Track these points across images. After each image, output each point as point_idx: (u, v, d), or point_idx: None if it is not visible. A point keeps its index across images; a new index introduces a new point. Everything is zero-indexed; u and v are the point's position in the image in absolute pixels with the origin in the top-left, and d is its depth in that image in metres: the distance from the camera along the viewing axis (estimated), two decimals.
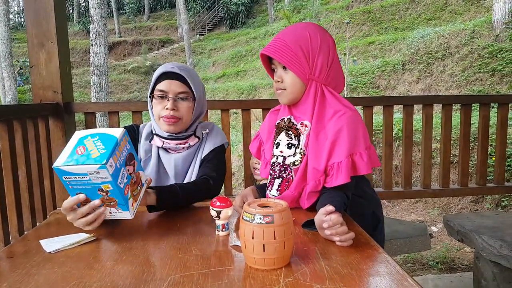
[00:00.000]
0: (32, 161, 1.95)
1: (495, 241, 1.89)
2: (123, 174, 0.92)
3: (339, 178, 1.07)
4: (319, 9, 16.56)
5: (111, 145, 0.90)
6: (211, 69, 18.97)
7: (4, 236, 1.69)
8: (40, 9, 2.10)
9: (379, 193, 2.47)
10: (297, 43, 1.12)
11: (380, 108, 2.65)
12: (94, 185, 0.89)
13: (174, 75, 1.31)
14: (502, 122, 2.56)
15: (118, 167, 0.90)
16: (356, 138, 1.09)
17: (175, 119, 1.31)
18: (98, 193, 0.91)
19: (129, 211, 0.95)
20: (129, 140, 0.98)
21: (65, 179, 0.90)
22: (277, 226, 0.77)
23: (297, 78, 1.13)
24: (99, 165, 0.85)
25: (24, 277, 0.78)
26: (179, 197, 1.17)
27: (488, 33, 8.49)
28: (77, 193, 0.92)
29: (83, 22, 26.79)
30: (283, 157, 1.18)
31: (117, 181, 0.90)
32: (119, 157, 0.92)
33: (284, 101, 1.20)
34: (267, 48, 1.15)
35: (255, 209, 0.79)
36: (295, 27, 1.17)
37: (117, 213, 0.96)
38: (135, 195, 0.99)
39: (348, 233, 0.88)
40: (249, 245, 0.78)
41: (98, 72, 7.74)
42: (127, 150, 0.96)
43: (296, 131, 1.17)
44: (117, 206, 0.94)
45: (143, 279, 0.76)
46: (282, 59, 1.12)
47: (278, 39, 1.15)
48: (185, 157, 1.38)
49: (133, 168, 0.98)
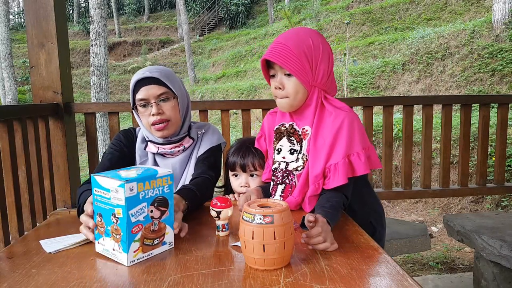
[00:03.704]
0: (32, 162, 1.95)
1: (495, 241, 1.89)
2: (142, 209, 0.85)
3: (336, 180, 1.08)
4: (319, 10, 16.57)
5: (146, 173, 0.86)
6: (211, 70, 18.97)
7: (4, 237, 1.68)
8: (40, 10, 2.10)
9: (379, 193, 2.48)
10: (301, 50, 1.10)
11: (380, 108, 2.65)
12: (111, 206, 0.84)
13: (148, 80, 1.29)
14: (502, 122, 2.56)
15: (140, 198, 0.84)
16: (352, 138, 1.10)
17: (164, 123, 1.30)
18: (111, 219, 0.84)
19: (127, 254, 0.83)
20: (170, 186, 0.90)
21: (95, 192, 0.87)
22: (277, 226, 0.77)
23: (300, 85, 1.13)
24: (120, 182, 0.81)
25: (24, 277, 0.78)
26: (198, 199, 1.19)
27: (488, 33, 8.49)
28: (98, 213, 0.88)
29: (83, 22, 26.80)
30: (285, 163, 1.18)
31: (130, 210, 0.82)
32: (147, 190, 0.85)
33: (286, 109, 1.19)
34: (271, 54, 1.12)
35: (255, 209, 0.79)
36: (297, 32, 1.15)
37: (118, 252, 0.85)
38: (146, 245, 0.87)
39: (322, 244, 0.87)
40: (249, 245, 0.78)
41: (98, 73, 7.74)
42: (162, 192, 0.88)
43: (298, 137, 1.18)
44: (120, 242, 0.84)
45: (143, 279, 0.76)
46: (288, 66, 1.10)
47: (280, 44, 1.12)
48: (182, 160, 1.38)
49: (159, 214, 0.88)
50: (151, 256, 0.88)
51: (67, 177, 2.16)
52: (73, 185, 2.14)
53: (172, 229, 0.92)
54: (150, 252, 0.88)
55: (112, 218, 0.84)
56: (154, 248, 0.89)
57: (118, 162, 1.31)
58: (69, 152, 2.20)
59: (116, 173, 0.87)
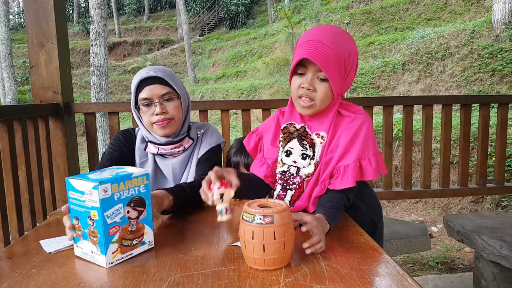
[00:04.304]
0: (32, 162, 1.95)
1: (495, 241, 1.89)
2: (118, 210, 0.83)
3: (344, 182, 1.07)
4: (319, 10, 16.58)
5: (121, 174, 0.85)
6: (211, 70, 18.97)
7: (4, 237, 1.69)
8: (40, 10, 2.10)
9: (379, 193, 2.48)
10: (341, 57, 1.05)
11: (380, 108, 2.65)
12: (86, 209, 0.82)
13: (152, 80, 1.29)
14: (502, 122, 2.56)
15: (115, 199, 0.82)
16: (367, 143, 1.09)
17: (167, 121, 1.30)
18: (88, 222, 0.83)
19: (105, 256, 0.81)
20: (147, 185, 0.89)
21: (70, 195, 0.84)
22: (277, 226, 0.77)
23: (330, 91, 1.08)
24: (94, 184, 0.79)
25: (24, 277, 0.78)
26: (190, 197, 1.17)
27: (488, 33, 8.49)
28: (75, 216, 0.86)
29: (83, 22, 26.81)
30: (297, 167, 1.14)
31: (105, 211, 0.80)
32: (122, 191, 0.83)
33: (306, 112, 1.12)
34: (314, 54, 1.04)
35: (255, 209, 0.79)
36: (340, 35, 1.08)
37: (96, 254, 0.83)
38: (125, 246, 0.85)
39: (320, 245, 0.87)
40: (249, 245, 0.78)
41: (98, 73, 7.74)
42: (138, 192, 0.87)
43: (311, 141, 1.13)
44: (97, 244, 0.82)
45: (143, 279, 0.76)
46: (328, 71, 1.04)
47: (324, 46, 1.04)
48: (182, 160, 1.37)
49: (136, 214, 0.87)
50: (130, 256, 0.87)
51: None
52: None
53: (151, 229, 0.91)
54: (129, 253, 0.86)
55: (89, 221, 0.82)
56: (134, 248, 0.87)
57: (117, 162, 1.31)
58: (69, 152, 2.20)
59: (89, 175, 0.84)
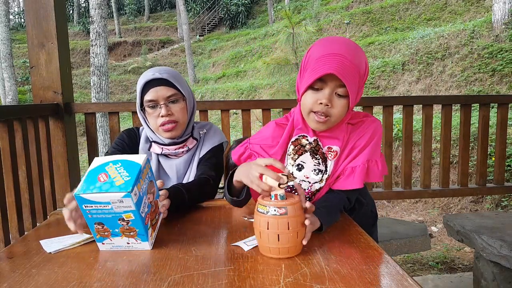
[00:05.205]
0: (32, 162, 1.95)
1: (495, 241, 1.89)
2: (145, 203, 0.88)
3: (350, 183, 1.06)
4: (319, 10, 16.59)
5: (135, 172, 0.86)
6: (211, 70, 18.98)
7: (4, 236, 1.69)
8: (40, 10, 2.10)
9: (379, 193, 2.48)
10: (360, 72, 1.03)
11: (380, 108, 2.65)
12: (116, 214, 0.84)
13: (158, 81, 1.28)
14: (502, 122, 2.56)
15: (141, 195, 0.86)
16: (376, 146, 1.10)
17: (173, 124, 1.30)
18: (119, 223, 0.85)
19: (148, 242, 0.89)
20: (150, 168, 0.94)
21: (85, 207, 0.84)
22: (290, 217, 0.82)
23: (347, 107, 1.05)
24: (124, 193, 0.80)
25: (24, 277, 0.78)
26: (186, 200, 1.16)
27: (488, 33, 8.49)
28: (96, 222, 0.86)
29: (83, 22, 26.82)
30: (309, 182, 1.11)
31: (140, 210, 0.85)
32: (142, 185, 0.87)
33: (322, 129, 1.08)
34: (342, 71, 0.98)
35: (269, 201, 0.84)
36: (356, 49, 1.04)
37: (136, 243, 0.90)
38: (154, 224, 0.93)
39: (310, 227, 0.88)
40: (264, 235, 0.83)
41: (98, 73, 7.74)
42: (148, 178, 0.92)
43: (322, 155, 1.11)
44: (136, 236, 0.88)
45: (143, 279, 0.76)
46: (351, 88, 1.00)
47: (347, 61, 0.99)
48: (186, 160, 1.38)
49: (153, 196, 0.94)
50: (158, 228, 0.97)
51: (67, 177, 2.16)
52: (73, 185, 2.15)
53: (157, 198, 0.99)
54: (157, 226, 0.96)
55: (121, 222, 0.85)
56: (158, 221, 0.97)
57: None
58: (69, 152, 2.20)
59: (97, 185, 0.82)
